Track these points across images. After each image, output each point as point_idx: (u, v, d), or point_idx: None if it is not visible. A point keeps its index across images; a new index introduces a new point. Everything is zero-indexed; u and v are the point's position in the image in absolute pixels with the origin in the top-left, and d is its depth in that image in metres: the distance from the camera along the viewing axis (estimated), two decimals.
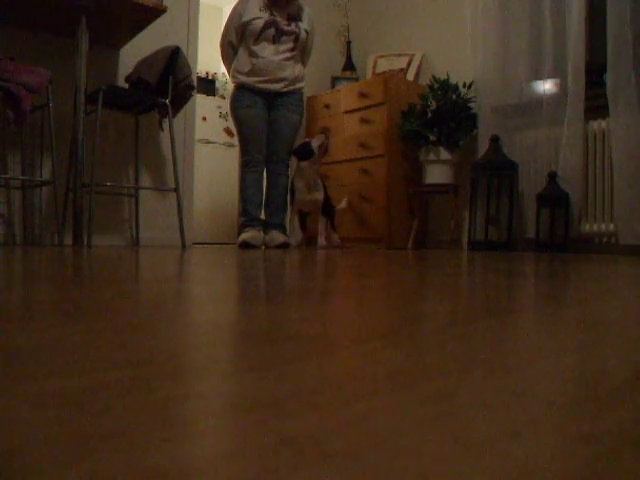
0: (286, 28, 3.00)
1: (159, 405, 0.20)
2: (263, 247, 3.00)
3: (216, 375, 0.25)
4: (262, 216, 3.07)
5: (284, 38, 3.01)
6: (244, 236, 2.90)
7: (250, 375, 0.25)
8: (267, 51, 2.98)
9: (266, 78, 2.99)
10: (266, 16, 2.96)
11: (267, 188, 3.09)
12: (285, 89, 3.05)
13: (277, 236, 3.01)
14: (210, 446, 0.16)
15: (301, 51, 3.11)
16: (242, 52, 3.03)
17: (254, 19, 2.94)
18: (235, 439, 0.17)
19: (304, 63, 3.20)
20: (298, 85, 3.11)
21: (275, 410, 0.20)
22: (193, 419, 0.19)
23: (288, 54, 3.03)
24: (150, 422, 0.18)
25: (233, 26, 2.99)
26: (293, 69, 3.08)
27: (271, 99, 3.05)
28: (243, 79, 2.99)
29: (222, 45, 3.09)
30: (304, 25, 3.07)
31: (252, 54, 2.99)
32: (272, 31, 2.97)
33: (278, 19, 3.00)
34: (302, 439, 0.17)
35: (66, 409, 0.19)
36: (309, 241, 3.46)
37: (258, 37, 2.96)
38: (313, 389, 0.23)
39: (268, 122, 3.06)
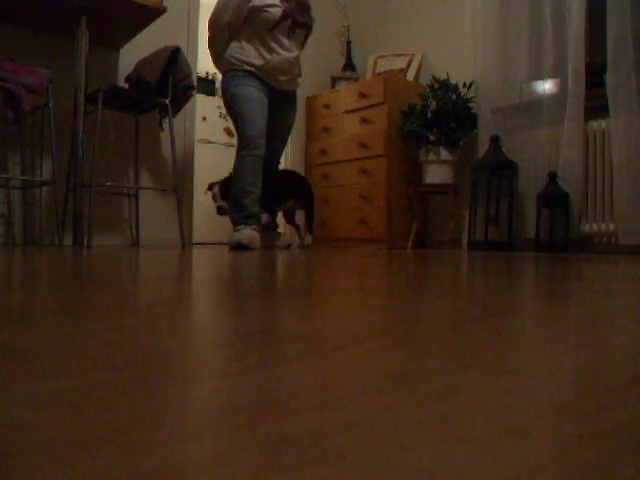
0: (301, 20, 2.70)
1: (158, 405, 0.20)
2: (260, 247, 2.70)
3: (216, 375, 0.25)
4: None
5: (297, 31, 2.71)
6: (240, 236, 2.49)
7: (250, 375, 0.25)
8: (283, 47, 2.66)
9: (282, 78, 2.72)
10: (283, 5, 2.61)
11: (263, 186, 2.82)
12: (293, 88, 2.86)
13: (283, 237, 2.98)
14: (210, 446, 0.16)
15: None
16: (249, 42, 2.63)
17: (270, 6, 2.57)
18: (235, 439, 0.17)
19: None
20: (298, 84, 2.93)
21: (275, 410, 0.20)
22: (192, 419, 0.19)
23: (298, 51, 2.76)
24: (149, 422, 0.18)
25: (237, 7, 2.56)
26: (300, 67, 2.84)
27: (277, 96, 2.76)
28: (251, 70, 2.63)
29: (212, 28, 2.68)
30: (313, 14, 2.80)
31: (266, 47, 2.64)
32: (288, 23, 2.64)
33: (294, 8, 2.65)
34: (302, 439, 0.17)
35: (66, 409, 0.19)
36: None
37: (272, 29, 2.60)
38: (313, 389, 0.23)
39: (269, 118, 2.74)
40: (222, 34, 2.67)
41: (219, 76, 4.59)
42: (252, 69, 2.63)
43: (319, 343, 0.32)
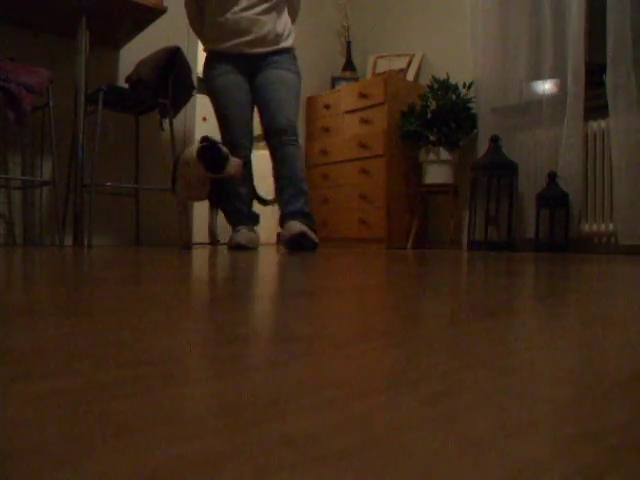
0: None
1: (158, 405, 0.20)
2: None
3: (215, 375, 0.25)
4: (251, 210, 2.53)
5: None
6: (239, 238, 2.40)
7: (250, 375, 0.25)
8: (239, 5, 2.33)
9: (238, 40, 2.37)
10: None
11: (274, 168, 2.42)
12: (269, 49, 2.40)
13: (296, 225, 2.22)
14: (210, 446, 0.16)
15: None
16: (210, 13, 2.41)
17: None
18: (235, 439, 0.17)
19: (291, 14, 2.53)
20: (284, 44, 2.44)
21: (275, 410, 0.20)
22: (193, 419, 0.19)
23: (265, 4, 2.36)
24: (149, 422, 0.18)
25: None
26: (275, 24, 2.39)
27: (252, 65, 2.42)
28: (212, 46, 2.43)
29: (185, 7, 2.53)
30: None
31: (221, 10, 2.35)
32: None
33: None
34: (302, 439, 0.17)
35: (66, 409, 0.19)
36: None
37: None
38: (313, 389, 0.23)
39: (253, 94, 2.42)
40: (193, 11, 2.51)
41: None
42: (215, 47, 2.42)
43: (319, 343, 0.32)
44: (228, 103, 2.41)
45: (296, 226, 2.18)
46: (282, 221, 2.36)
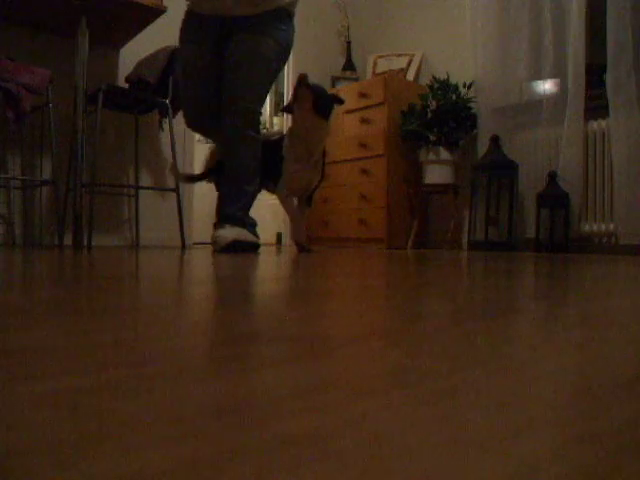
0: None
1: (158, 405, 0.20)
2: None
3: (216, 375, 0.25)
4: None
5: None
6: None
7: (249, 375, 0.25)
8: None
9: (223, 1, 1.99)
10: None
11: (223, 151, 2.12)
12: (249, 11, 1.99)
13: (225, 233, 1.94)
14: (210, 446, 0.16)
15: None
16: None
17: None
18: (235, 439, 0.17)
19: None
20: (280, 2, 2.01)
21: (275, 410, 0.20)
22: (193, 419, 0.19)
23: None
24: (149, 422, 0.18)
25: None
26: None
27: (227, 28, 2.05)
28: (191, 6, 2.10)
29: None
30: None
31: None
32: None
33: None
34: (302, 439, 0.17)
35: (66, 409, 0.19)
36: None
37: None
38: (313, 389, 0.23)
39: (220, 65, 2.06)
40: None
41: None
42: (191, 4, 2.10)
43: (319, 343, 0.32)
44: (186, 78, 2.16)
45: (224, 238, 1.93)
46: (218, 216, 2.07)
